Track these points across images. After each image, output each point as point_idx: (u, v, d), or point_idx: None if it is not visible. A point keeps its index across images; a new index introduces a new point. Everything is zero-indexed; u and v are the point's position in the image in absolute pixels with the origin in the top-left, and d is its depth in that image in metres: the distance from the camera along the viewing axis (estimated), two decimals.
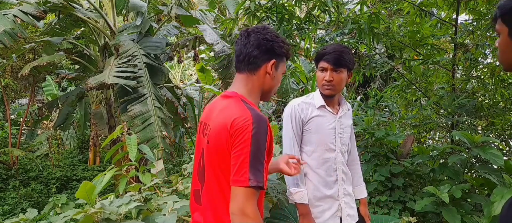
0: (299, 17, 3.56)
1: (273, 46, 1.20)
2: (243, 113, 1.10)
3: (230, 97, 1.20)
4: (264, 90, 1.25)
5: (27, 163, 7.90)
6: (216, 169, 1.13)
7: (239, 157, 1.05)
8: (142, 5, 5.24)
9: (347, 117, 1.87)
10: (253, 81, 1.22)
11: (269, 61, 1.21)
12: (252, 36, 1.21)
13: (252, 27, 1.25)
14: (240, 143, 1.05)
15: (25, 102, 10.96)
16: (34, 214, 1.97)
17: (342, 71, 1.73)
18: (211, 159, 1.15)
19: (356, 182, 1.97)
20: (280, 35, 1.24)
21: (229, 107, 1.15)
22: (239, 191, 1.04)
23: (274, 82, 1.25)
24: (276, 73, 1.24)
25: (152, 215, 1.72)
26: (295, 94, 5.74)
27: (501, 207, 1.18)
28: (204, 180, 1.21)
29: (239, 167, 1.04)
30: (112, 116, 5.97)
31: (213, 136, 1.14)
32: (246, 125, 1.06)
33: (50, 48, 5.66)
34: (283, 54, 1.25)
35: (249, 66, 1.21)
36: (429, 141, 4.75)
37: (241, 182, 1.03)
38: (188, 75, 15.01)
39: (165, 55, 5.68)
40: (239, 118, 1.08)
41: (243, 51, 1.21)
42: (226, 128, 1.09)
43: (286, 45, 1.24)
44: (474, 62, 3.33)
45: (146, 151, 2.30)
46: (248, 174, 1.03)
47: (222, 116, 1.14)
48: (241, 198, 1.03)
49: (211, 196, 1.17)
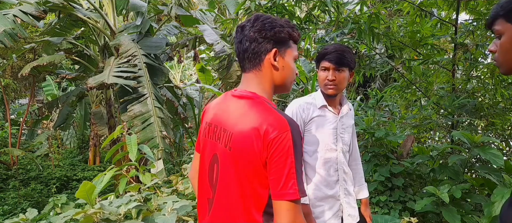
0: (299, 17, 3.56)
1: (270, 34, 1.07)
2: (276, 118, 0.99)
3: (249, 98, 1.08)
4: (277, 85, 1.13)
5: (27, 163, 7.90)
6: (241, 178, 1.03)
7: (284, 168, 0.96)
8: (142, 5, 5.24)
9: (348, 116, 1.87)
10: (262, 78, 1.10)
11: (270, 52, 1.08)
12: (246, 29, 1.09)
13: (246, 20, 1.12)
14: (282, 153, 0.96)
15: (25, 102, 10.96)
16: (34, 214, 1.97)
17: (344, 70, 1.72)
18: (234, 167, 1.05)
19: (357, 182, 1.97)
20: (277, 19, 1.10)
21: (255, 111, 1.04)
22: (289, 206, 0.95)
23: (285, 72, 1.11)
24: (283, 62, 1.10)
25: (152, 215, 1.72)
26: (295, 95, 5.74)
27: (501, 207, 1.18)
28: (216, 188, 1.12)
29: (286, 179, 0.95)
30: (112, 116, 5.97)
31: (239, 142, 1.03)
32: (285, 132, 0.97)
33: (50, 48, 5.66)
34: (286, 38, 1.10)
35: (251, 62, 1.09)
36: (429, 141, 4.75)
37: (291, 195, 0.95)
38: (188, 75, 15.02)
39: (165, 55, 5.68)
40: (274, 124, 0.98)
41: (240, 48, 1.10)
42: (258, 135, 0.99)
43: (287, 28, 1.09)
44: (474, 62, 3.33)
45: (146, 151, 2.30)
46: (297, 186, 0.95)
47: (248, 121, 1.03)
48: (293, 212, 0.95)
49: (228, 205, 1.08)
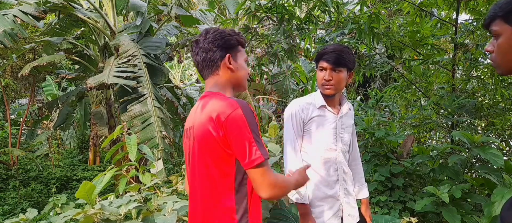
0: (299, 17, 3.56)
1: (221, 43, 1.24)
2: (226, 102, 1.14)
3: (206, 96, 1.25)
4: (234, 83, 1.29)
5: (27, 163, 7.90)
6: (207, 161, 1.17)
7: (244, 141, 1.10)
8: (142, 5, 5.24)
9: (348, 116, 1.87)
10: (220, 78, 1.26)
11: (224, 58, 1.24)
12: (200, 42, 1.26)
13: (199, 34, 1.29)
14: (238, 129, 1.10)
15: (25, 102, 10.95)
16: (34, 214, 1.97)
17: (342, 70, 1.72)
18: (200, 154, 1.19)
19: (357, 182, 1.97)
20: (225, 30, 1.28)
21: (209, 103, 1.19)
22: (260, 170, 1.10)
23: (240, 72, 1.28)
24: (237, 64, 1.27)
25: (152, 215, 1.72)
26: (295, 95, 5.74)
27: (501, 207, 1.18)
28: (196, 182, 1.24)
29: (249, 149, 1.10)
30: (112, 116, 5.97)
31: (199, 131, 1.18)
32: (235, 110, 1.12)
33: (50, 48, 5.66)
34: (235, 44, 1.28)
35: (210, 69, 1.26)
36: (429, 141, 4.75)
37: (257, 160, 1.09)
38: (188, 75, 15.02)
39: (165, 55, 5.68)
40: (225, 107, 1.13)
41: (198, 59, 1.26)
42: (212, 120, 1.13)
43: (234, 35, 1.27)
44: (474, 62, 3.33)
45: (146, 151, 2.30)
46: (260, 151, 1.10)
47: (204, 112, 1.18)
48: (264, 174, 1.10)
49: (202, 189, 1.21)
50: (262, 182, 1.11)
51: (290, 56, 3.81)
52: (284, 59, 4.07)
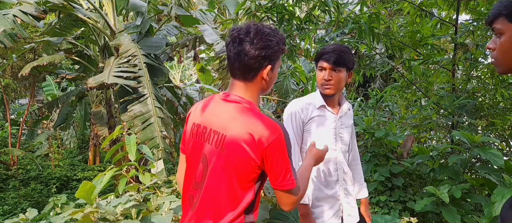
0: (299, 17, 3.56)
1: (269, 53, 1.15)
2: (268, 124, 1.12)
3: (238, 103, 1.17)
4: (263, 92, 1.25)
5: (27, 163, 7.90)
6: (231, 176, 1.14)
7: (283, 166, 1.13)
8: (142, 5, 5.24)
9: (347, 116, 1.87)
10: (252, 87, 1.20)
11: (265, 69, 1.17)
12: (245, 45, 1.13)
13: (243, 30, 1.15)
14: (279, 155, 1.12)
15: (25, 102, 10.96)
16: (34, 214, 1.97)
17: (341, 70, 1.72)
18: (226, 168, 1.15)
19: (357, 182, 1.97)
20: (272, 34, 1.16)
21: (247, 116, 1.14)
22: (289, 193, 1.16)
23: (270, 83, 1.23)
24: (272, 74, 1.21)
25: (150, 215, 1.72)
26: (295, 95, 5.74)
27: (501, 207, 1.18)
28: (202, 186, 1.20)
29: (285, 173, 1.13)
30: (112, 116, 5.97)
31: (232, 145, 1.13)
32: (279, 136, 1.12)
33: (50, 48, 5.66)
34: (279, 54, 1.20)
35: (245, 75, 1.17)
36: (429, 141, 4.75)
37: (289, 186, 1.14)
38: (188, 75, 15.01)
39: (165, 55, 5.68)
40: (268, 131, 1.11)
41: (237, 59, 1.15)
42: (253, 141, 1.11)
43: (280, 45, 1.18)
44: (474, 62, 3.33)
45: (145, 151, 2.30)
46: (293, 177, 1.15)
47: (241, 126, 1.13)
48: (293, 197, 1.17)
49: (216, 202, 1.17)
50: (288, 202, 1.18)
51: (290, 56, 3.81)
52: (284, 59, 4.07)
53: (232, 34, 1.17)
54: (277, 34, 1.18)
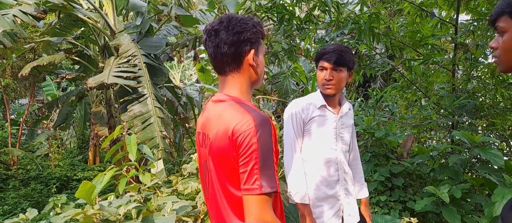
0: (299, 17, 3.56)
1: (247, 36, 1.09)
2: (243, 116, 1.03)
3: (223, 101, 1.13)
4: (253, 81, 1.18)
5: (27, 163, 7.90)
6: (223, 181, 1.09)
7: (248, 164, 0.99)
8: (142, 5, 5.23)
9: (348, 116, 1.87)
10: (240, 79, 1.14)
11: (249, 53, 1.11)
12: (221, 34, 1.09)
13: (216, 22, 1.12)
14: (246, 149, 0.99)
15: (25, 102, 10.96)
16: (34, 214, 1.96)
17: (342, 70, 1.72)
18: (216, 170, 1.11)
19: (357, 182, 1.97)
20: (247, 18, 1.12)
21: (226, 113, 1.08)
22: (253, 201, 0.98)
23: (260, 68, 1.17)
24: (258, 60, 1.15)
25: (152, 216, 1.71)
26: (295, 95, 5.74)
27: (502, 208, 1.18)
28: (209, 191, 1.18)
29: (249, 175, 0.99)
30: (112, 116, 5.97)
31: (215, 146, 1.08)
32: (249, 129, 1.00)
33: (50, 48, 5.65)
34: (259, 37, 1.14)
35: (230, 66, 1.12)
36: (429, 141, 4.75)
37: (253, 190, 0.98)
38: (188, 75, 15.02)
39: (165, 55, 5.68)
40: (240, 122, 1.02)
41: (217, 52, 1.11)
42: (227, 136, 1.04)
43: (258, 27, 1.13)
44: (474, 62, 3.33)
45: (146, 151, 2.29)
46: (260, 181, 0.98)
47: (220, 123, 1.08)
48: (257, 207, 0.98)
49: (217, 207, 1.14)
50: (250, 213, 0.98)
51: (290, 56, 3.81)
52: (284, 59, 4.07)
53: (206, 30, 1.13)
54: (252, 18, 1.14)
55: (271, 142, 1.02)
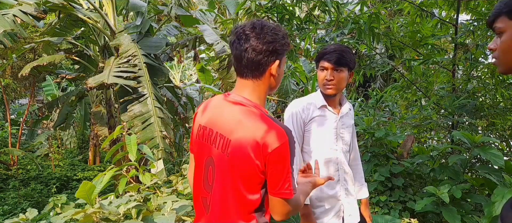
0: (299, 17, 3.56)
1: (276, 47, 1.12)
2: (274, 129, 1.08)
3: (243, 105, 1.15)
4: (270, 90, 1.21)
5: (27, 163, 7.90)
6: (236, 181, 1.12)
7: (283, 173, 1.09)
8: (142, 5, 5.24)
9: (348, 116, 1.86)
10: (260, 86, 1.17)
11: (273, 63, 1.14)
12: (251, 40, 1.11)
13: (248, 26, 1.13)
14: (281, 161, 1.08)
15: (25, 102, 10.96)
16: (34, 214, 1.96)
17: (343, 70, 1.72)
18: (231, 172, 1.13)
19: (357, 182, 1.97)
20: (278, 28, 1.14)
21: (252, 120, 1.11)
22: (283, 202, 1.11)
23: (278, 80, 1.21)
24: (279, 71, 1.18)
25: (152, 215, 1.72)
26: (295, 95, 5.74)
27: (501, 208, 1.17)
28: (212, 189, 1.19)
29: (284, 182, 1.09)
30: (112, 116, 5.97)
31: (237, 151, 1.11)
32: (283, 143, 1.07)
33: (50, 48, 5.66)
34: (285, 50, 1.17)
35: (253, 72, 1.14)
36: (429, 141, 4.75)
37: (287, 195, 1.10)
38: (188, 75, 15.02)
39: (165, 55, 5.68)
40: (273, 136, 1.07)
41: (244, 56, 1.12)
42: (257, 147, 1.07)
43: (286, 39, 1.16)
44: (474, 62, 3.33)
45: (145, 151, 2.29)
46: (292, 186, 1.10)
47: (244, 130, 1.10)
48: (287, 206, 1.12)
49: (225, 206, 1.16)
50: (281, 211, 1.13)
51: (290, 56, 3.81)
52: None
53: (236, 32, 1.14)
54: (282, 29, 1.16)
55: (294, 147, 1.12)
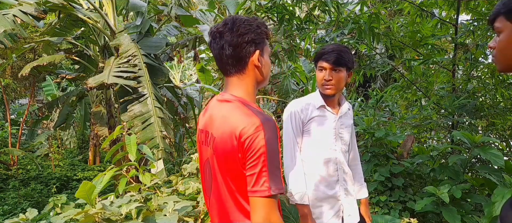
0: (299, 17, 3.56)
1: (252, 37, 1.10)
2: (249, 119, 1.04)
3: (229, 102, 1.14)
4: (259, 81, 1.18)
5: (27, 163, 7.90)
6: (226, 180, 1.10)
7: (256, 167, 1.02)
8: (142, 5, 5.24)
9: (347, 116, 1.87)
10: (245, 80, 1.15)
11: (253, 54, 1.12)
12: (226, 36, 1.10)
13: (221, 24, 1.13)
14: (254, 152, 1.02)
15: (25, 102, 10.96)
16: (34, 214, 1.96)
17: (341, 70, 1.72)
18: (220, 169, 1.12)
19: (357, 182, 1.97)
20: (251, 20, 1.13)
21: (233, 114, 1.09)
22: (261, 202, 1.01)
23: (265, 69, 1.18)
24: (263, 60, 1.16)
25: (153, 216, 1.72)
26: (295, 95, 5.74)
27: (501, 208, 1.17)
28: (211, 190, 1.19)
29: (258, 177, 1.02)
30: (112, 116, 5.97)
31: (221, 146, 1.09)
32: (257, 132, 1.02)
33: (50, 48, 5.65)
34: (264, 38, 1.15)
35: (235, 67, 1.13)
36: (429, 141, 4.75)
37: (262, 192, 1.01)
38: (188, 75, 15.02)
39: (165, 55, 5.68)
40: (247, 126, 1.03)
41: (222, 54, 1.12)
42: (234, 138, 1.05)
43: (262, 27, 1.14)
44: (474, 62, 3.33)
45: (145, 151, 2.29)
46: (269, 183, 1.01)
47: (227, 125, 1.08)
48: (265, 208, 1.01)
49: (220, 206, 1.15)
50: (258, 214, 1.01)
51: (290, 56, 3.81)
52: (284, 59, 4.07)
53: (211, 32, 1.14)
54: (256, 19, 1.15)
55: (277, 144, 1.05)
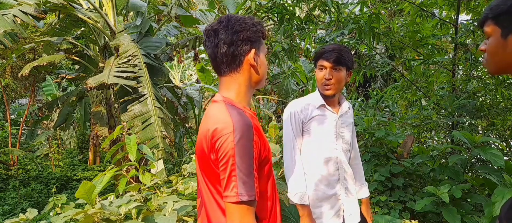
0: (299, 17, 3.56)
1: (247, 35, 1.07)
2: (224, 120, 1.01)
3: (216, 102, 1.11)
4: (254, 81, 1.15)
5: (27, 163, 7.90)
6: (206, 180, 1.08)
7: (226, 171, 0.97)
8: (142, 5, 5.23)
9: (347, 115, 1.86)
10: (239, 79, 1.11)
11: (249, 53, 1.09)
12: (220, 34, 1.07)
13: (215, 23, 1.11)
14: (224, 155, 0.97)
15: (25, 102, 10.96)
16: (34, 214, 1.96)
17: (341, 70, 1.72)
18: (200, 170, 1.10)
19: (358, 181, 1.96)
20: (247, 18, 1.11)
21: (212, 115, 1.07)
22: (233, 208, 0.96)
23: (261, 68, 1.14)
24: (259, 60, 1.12)
25: (153, 215, 1.71)
26: (295, 95, 5.74)
27: (500, 208, 1.17)
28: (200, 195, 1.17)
29: (227, 181, 0.97)
30: (112, 115, 5.97)
31: (198, 147, 1.08)
32: (227, 134, 0.97)
33: (50, 48, 5.66)
34: (260, 37, 1.12)
35: (230, 66, 1.10)
36: (429, 141, 4.75)
37: (231, 198, 0.96)
38: (188, 75, 15.03)
39: (165, 55, 5.68)
40: (219, 127, 1.00)
41: (217, 52, 1.08)
42: (206, 138, 1.02)
43: (258, 26, 1.11)
44: (474, 62, 3.33)
45: (145, 151, 2.29)
46: (238, 188, 0.95)
47: (204, 125, 1.06)
48: (236, 214, 0.96)
49: (204, 206, 1.12)
50: (229, 220, 0.97)
51: (290, 56, 3.81)
52: (284, 59, 4.07)
53: (206, 30, 1.12)
54: (252, 18, 1.12)
55: (251, 148, 0.99)
